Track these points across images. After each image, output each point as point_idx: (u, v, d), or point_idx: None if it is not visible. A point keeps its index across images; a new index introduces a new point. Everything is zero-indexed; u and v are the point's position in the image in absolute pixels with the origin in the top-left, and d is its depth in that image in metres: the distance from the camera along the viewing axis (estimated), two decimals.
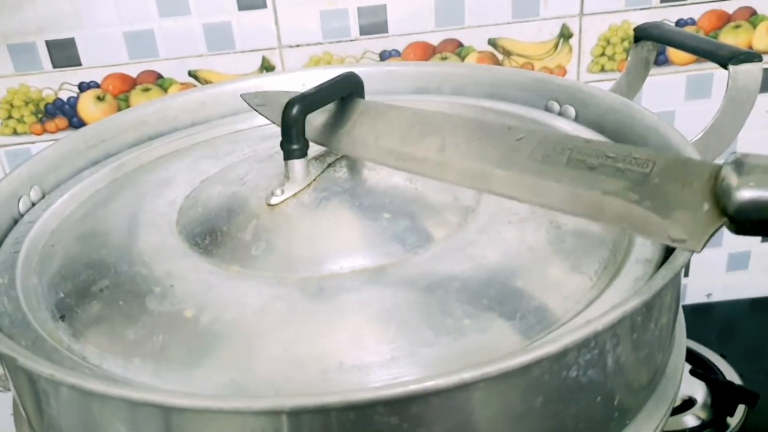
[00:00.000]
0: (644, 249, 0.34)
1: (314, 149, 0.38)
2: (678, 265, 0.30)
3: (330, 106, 0.40)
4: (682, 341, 0.38)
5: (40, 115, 0.68)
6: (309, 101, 0.37)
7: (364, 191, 0.37)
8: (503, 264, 0.34)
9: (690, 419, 0.62)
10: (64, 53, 0.66)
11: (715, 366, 0.68)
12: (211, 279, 0.34)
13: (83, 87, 0.67)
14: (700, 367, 0.67)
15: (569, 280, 0.33)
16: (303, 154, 0.37)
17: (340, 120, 0.39)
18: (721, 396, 0.64)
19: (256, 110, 0.43)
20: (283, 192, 0.37)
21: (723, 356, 0.69)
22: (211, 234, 0.36)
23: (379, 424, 0.26)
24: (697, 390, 0.64)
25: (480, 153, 0.33)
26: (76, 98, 0.68)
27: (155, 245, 0.37)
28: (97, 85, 0.67)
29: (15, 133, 0.69)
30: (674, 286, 0.34)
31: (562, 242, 0.35)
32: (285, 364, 0.29)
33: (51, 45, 0.65)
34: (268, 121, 0.42)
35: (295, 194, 0.37)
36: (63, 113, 0.68)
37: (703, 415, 0.63)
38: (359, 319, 0.31)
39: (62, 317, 0.34)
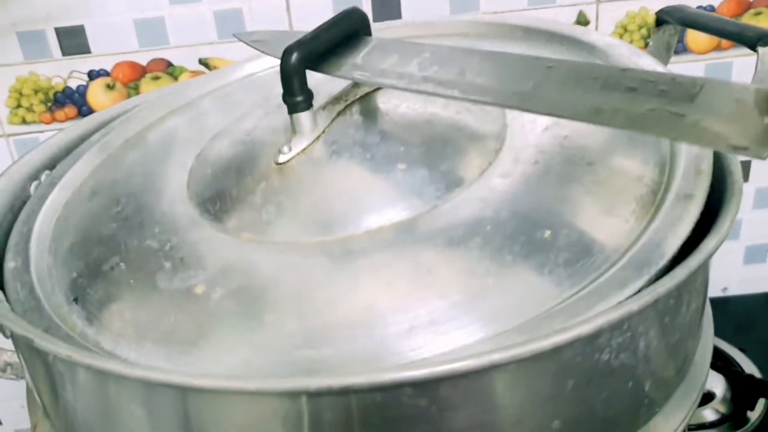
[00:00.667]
0: (685, 183, 0.31)
1: (321, 98, 0.35)
2: (712, 247, 0.29)
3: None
4: (709, 330, 0.37)
5: (49, 104, 0.67)
6: (309, 47, 0.34)
7: (377, 140, 0.35)
8: (530, 213, 0.31)
9: (709, 413, 0.61)
10: (73, 41, 0.65)
11: (734, 360, 0.67)
12: (222, 249, 0.32)
13: (93, 75, 0.66)
14: (719, 361, 0.66)
15: (603, 225, 0.30)
16: (308, 105, 0.34)
17: (348, 53, 0.36)
18: (742, 390, 0.63)
19: (253, 47, 0.41)
20: (290, 149, 0.34)
21: (742, 350, 0.68)
22: (221, 198, 0.34)
23: (406, 407, 0.25)
24: (716, 384, 0.63)
25: (505, 79, 0.31)
26: (86, 86, 0.67)
27: (166, 214, 0.35)
28: (107, 74, 0.66)
29: (24, 122, 0.68)
30: (705, 270, 0.33)
31: (594, 182, 0.32)
32: (299, 339, 0.28)
33: (60, 33, 0.64)
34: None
35: (304, 150, 0.34)
36: (72, 102, 0.67)
37: (723, 408, 0.62)
38: (374, 287, 0.29)
39: (75, 299, 0.33)
